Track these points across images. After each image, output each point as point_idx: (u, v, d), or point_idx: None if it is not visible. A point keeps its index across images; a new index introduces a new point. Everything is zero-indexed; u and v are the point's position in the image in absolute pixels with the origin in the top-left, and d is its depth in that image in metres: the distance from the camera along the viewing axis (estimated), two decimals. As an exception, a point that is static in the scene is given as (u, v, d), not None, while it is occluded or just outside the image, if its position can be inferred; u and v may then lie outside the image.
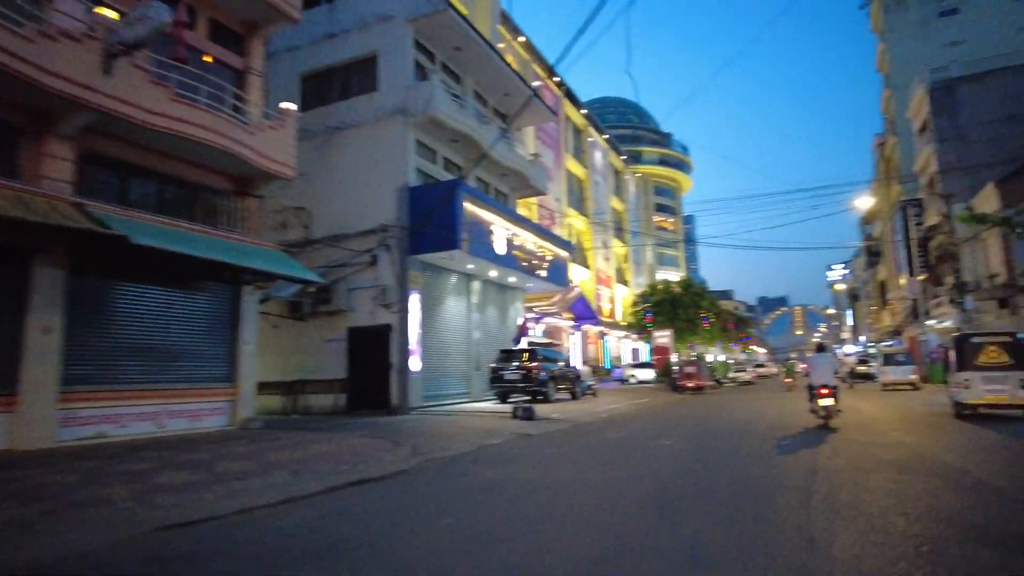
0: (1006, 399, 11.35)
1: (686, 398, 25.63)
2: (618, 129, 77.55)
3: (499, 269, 20.38)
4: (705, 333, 34.77)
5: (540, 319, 38.69)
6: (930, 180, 33.98)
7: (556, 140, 50.97)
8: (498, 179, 23.35)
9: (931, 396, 19.73)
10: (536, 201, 45.55)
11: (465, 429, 13.03)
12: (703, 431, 11.67)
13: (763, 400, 22.23)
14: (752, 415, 15.18)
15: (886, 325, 46.71)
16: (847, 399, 19.84)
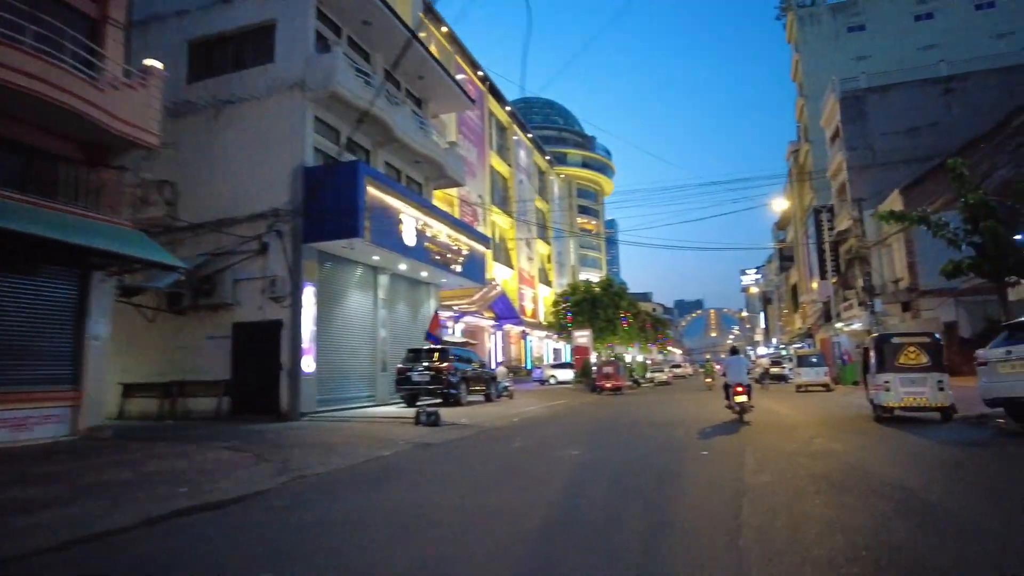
0: (924, 401, 10.85)
1: (604, 399, 24.85)
2: (543, 130, 77.15)
3: (409, 262, 18.82)
4: (624, 333, 34.33)
5: (460, 318, 37.28)
6: (841, 186, 34.81)
7: (480, 136, 49.76)
8: (411, 166, 21.78)
9: (845, 398, 19.60)
10: (458, 196, 44.18)
11: (357, 438, 11.49)
12: (616, 438, 10.61)
13: (680, 401, 21.66)
14: (668, 418, 14.32)
15: (797, 327, 47.99)
16: (764, 401, 19.47)
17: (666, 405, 19.99)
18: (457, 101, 25.15)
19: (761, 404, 18.09)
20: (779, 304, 65.34)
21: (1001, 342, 9.21)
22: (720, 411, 14.92)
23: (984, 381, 9.28)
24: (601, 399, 24.83)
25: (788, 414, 14.24)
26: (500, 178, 55.38)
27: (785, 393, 24.29)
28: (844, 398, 19.47)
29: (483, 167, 49.42)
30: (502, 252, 55.04)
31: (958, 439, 9.00)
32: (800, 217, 45.16)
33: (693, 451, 8.40)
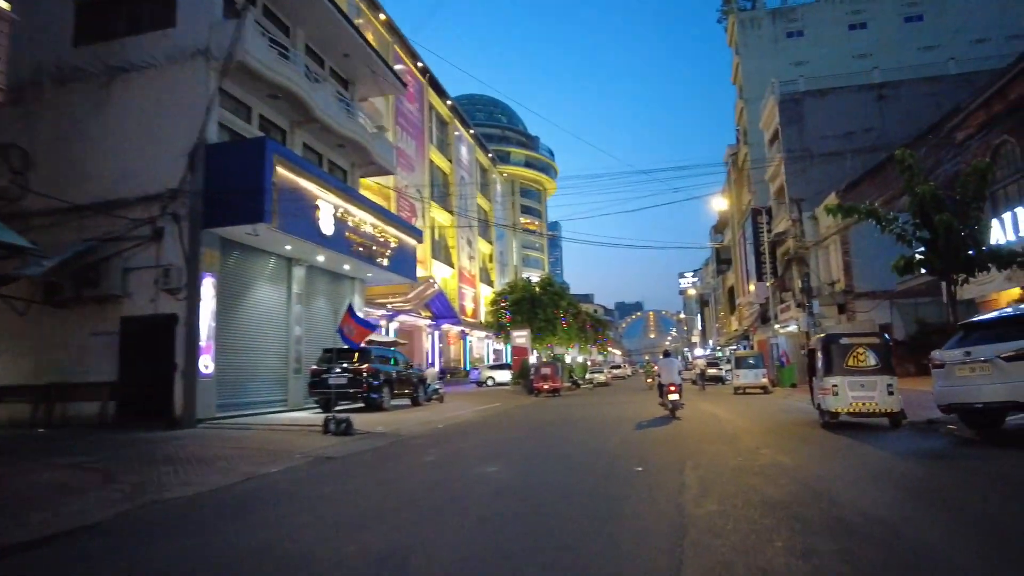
0: (874, 406, 10.04)
1: (540, 402, 23.73)
2: (486, 128, 75.92)
3: (327, 253, 17.15)
4: (563, 334, 33.38)
5: (394, 316, 35.57)
6: (779, 188, 34.80)
7: (419, 129, 48.09)
8: (334, 151, 20.09)
9: (785, 400, 19.03)
10: (395, 189, 42.41)
11: (250, 450, 9.90)
12: (545, 449, 9.38)
13: (618, 403, 20.72)
14: (603, 422, 13.23)
15: (734, 329, 48.23)
16: (703, 404, 18.71)
17: (602, 407, 18.98)
18: (387, 84, 23.56)
19: (700, 408, 17.29)
20: (716, 306, 65.96)
21: (957, 343, 8.41)
22: (656, 413, 13.96)
23: (940, 385, 8.45)
24: (537, 402, 23.70)
25: (729, 419, 13.33)
26: (440, 173, 53.79)
27: (723, 395, 23.73)
28: (784, 401, 18.90)
29: (422, 161, 47.77)
30: (442, 250, 53.46)
31: (917, 450, 8.14)
32: (738, 219, 45.32)
33: (627, 465, 7.23)
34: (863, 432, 10.01)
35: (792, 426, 11.31)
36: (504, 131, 79.17)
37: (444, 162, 53.46)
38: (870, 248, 28.39)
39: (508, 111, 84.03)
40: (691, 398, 22.22)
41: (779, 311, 30.36)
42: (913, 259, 10.81)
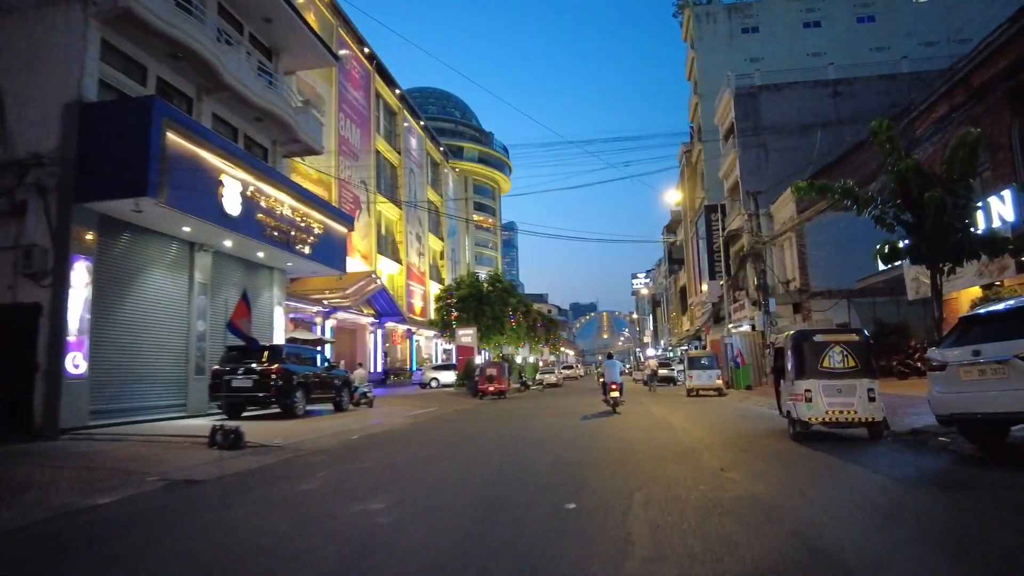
0: (853, 415, 8.58)
1: (483, 405, 21.95)
2: (439, 121, 73.90)
3: (234, 237, 14.96)
4: (512, 333, 31.68)
5: (330, 313, 33.27)
6: (734, 185, 33.88)
7: (364, 117, 45.77)
8: (251, 125, 17.88)
9: (742, 404, 17.69)
10: (337, 179, 40.09)
11: (99, 470, 7.82)
12: (459, 472, 7.56)
13: (563, 407, 19.09)
14: (542, 432, 11.52)
15: (686, 330, 47.41)
16: (655, 409, 17.19)
17: (546, 412, 17.31)
18: (316, 56, 21.37)
19: (651, 413, 15.78)
20: (668, 307, 65.38)
21: (957, 340, 6.96)
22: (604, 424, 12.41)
23: (939, 390, 6.97)
24: (480, 405, 21.91)
25: (684, 428, 11.77)
26: (388, 165, 51.52)
27: (675, 397, 22.41)
28: (741, 405, 17.57)
29: (368, 151, 45.45)
30: (389, 245, 51.18)
31: (918, 473, 6.59)
32: (690, 218, 44.48)
33: (556, 500, 5.47)
34: (842, 446, 8.53)
35: (757, 437, 9.78)
36: (457, 125, 77.16)
37: (392, 153, 51.24)
38: (826, 246, 27.59)
39: (462, 105, 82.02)
40: (641, 401, 20.80)
41: (733, 310, 29.31)
42: (897, 245, 9.39)
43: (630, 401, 19.80)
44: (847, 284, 26.70)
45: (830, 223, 27.79)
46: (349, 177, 42.44)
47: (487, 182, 79.47)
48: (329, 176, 39.32)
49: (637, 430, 11.46)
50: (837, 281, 27.04)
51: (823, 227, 27.73)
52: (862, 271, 26.34)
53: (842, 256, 27.19)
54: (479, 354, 44.56)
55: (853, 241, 28.43)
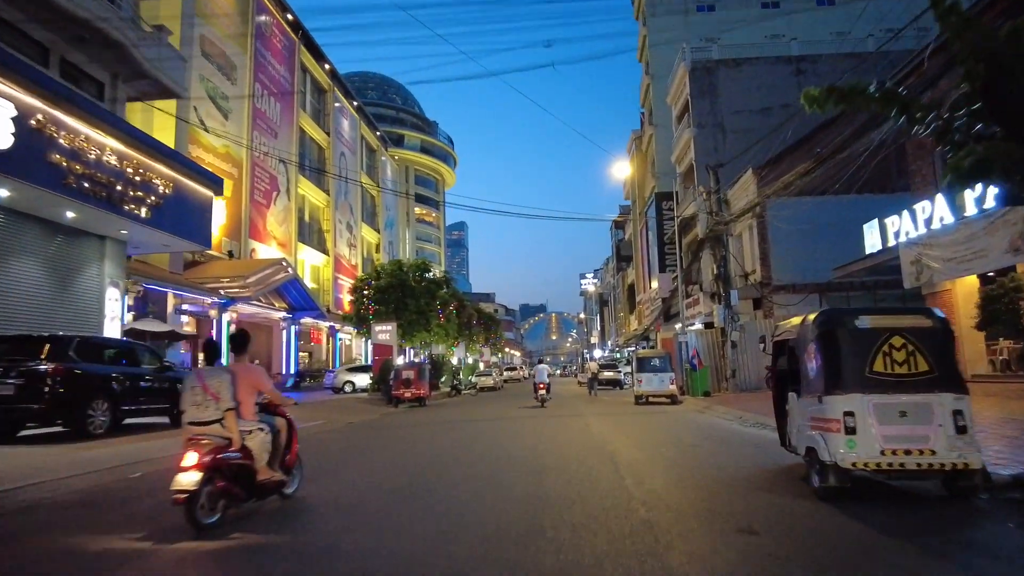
0: (929, 456, 4.82)
1: (393, 416, 17.74)
2: (378, 107, 68.95)
3: (12, 185, 10.35)
4: (439, 330, 27.48)
5: (228, 305, 28.37)
6: (688, 170, 30.58)
7: (286, 91, 40.81)
8: (72, 46, 13.17)
9: (703, 417, 13.94)
10: (252, 155, 35.27)
11: None
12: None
13: (489, 419, 15.04)
14: (431, 473, 7.43)
15: (634, 329, 44.16)
16: (595, 424, 12.80)
17: (462, 429, 13.25)
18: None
19: (589, 429, 11.83)
20: (615, 305, 62.26)
21: None
22: (515, 457, 8.43)
23: None
24: (387, 416, 17.68)
25: (633, 463, 7.79)
26: (314, 146, 46.60)
27: (620, 405, 18.67)
28: (703, 418, 13.82)
29: (289, 127, 40.53)
30: (314, 233, 46.26)
31: None
32: (640, 209, 41.23)
33: None
34: (920, 514, 4.73)
35: (755, 490, 5.85)
36: (399, 112, 72.34)
37: (319, 133, 46.36)
38: (792, 235, 24.35)
39: (403, 92, 77.18)
40: (581, 411, 16.98)
41: (686, 306, 25.87)
42: (984, 156, 5.53)
43: (566, 413, 16.08)
44: (815, 277, 23.53)
45: (795, 209, 24.67)
46: (265, 155, 37.54)
47: (430, 173, 74.88)
48: (239, 150, 34.38)
49: (560, 468, 7.46)
50: (803, 274, 23.88)
51: (788, 213, 24.57)
52: (832, 262, 23.18)
53: (809, 246, 24.04)
54: (402, 354, 40.14)
55: (821, 230, 25.32)
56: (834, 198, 25.37)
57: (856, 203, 24.97)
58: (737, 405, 14.58)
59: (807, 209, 24.75)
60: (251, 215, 35.81)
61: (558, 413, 16.16)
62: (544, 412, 16.59)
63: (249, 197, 35.39)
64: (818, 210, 24.87)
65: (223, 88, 33.34)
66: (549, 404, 18.77)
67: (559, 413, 16.16)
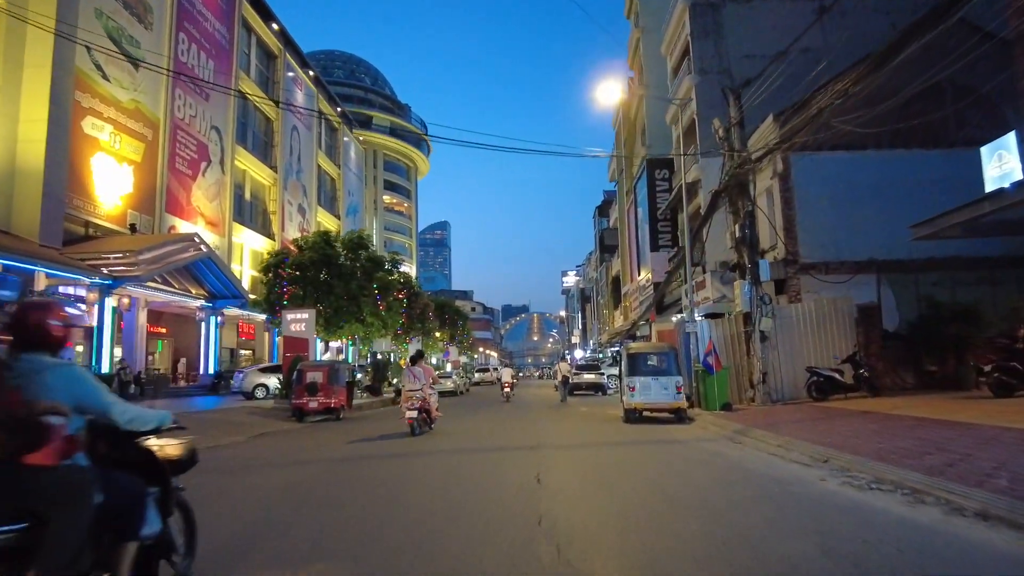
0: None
1: (279, 437, 11.73)
2: (345, 87, 62.68)
3: None
4: (376, 322, 21.17)
5: (113, 287, 22.11)
6: (688, 129, 24.83)
7: (224, 50, 34.59)
8: None
9: (745, 456, 7.71)
10: (176, 115, 29.12)
11: None
12: None
13: (395, 459, 9.05)
14: None
15: (619, 325, 38.42)
16: (554, 466, 6.95)
17: (346, 471, 7.29)
18: None
19: (542, 499, 5.69)
20: (598, 299, 56.44)
21: None
22: None
23: None
24: (270, 438, 11.66)
25: None
26: (260, 117, 40.36)
27: (603, 422, 12.73)
28: (747, 458, 7.65)
29: (227, 91, 34.35)
30: (257, 214, 40.01)
31: None
32: (627, 188, 35.47)
33: None
34: None
35: None
36: (367, 93, 65.99)
37: (266, 103, 40.12)
38: (823, 201, 18.71)
39: (373, 72, 70.83)
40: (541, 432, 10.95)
41: (687, 291, 20.08)
42: None
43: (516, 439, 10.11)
44: (851, 253, 17.90)
45: (828, 167, 18.95)
46: (191, 119, 31.32)
47: (401, 159, 68.61)
48: (156, 109, 28.09)
49: None
50: (837, 248, 18.21)
51: (819, 172, 18.85)
52: (878, 236, 17.54)
53: (845, 214, 18.34)
54: (337, 353, 33.91)
55: (861, 194, 19.71)
56: (876, 154, 19.77)
57: (905, 160, 19.37)
58: (788, 429, 8.78)
59: (843, 167, 18.99)
60: (170, 186, 29.58)
61: (503, 441, 10.30)
62: (481, 439, 10.74)
63: (167, 164, 29.15)
64: (856, 168, 19.12)
65: (131, 31, 27.12)
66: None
67: (505, 441, 10.28)
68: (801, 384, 14.11)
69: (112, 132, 25.51)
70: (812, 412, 11.37)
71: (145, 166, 27.54)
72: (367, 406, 20.19)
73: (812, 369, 13.58)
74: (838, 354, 14.11)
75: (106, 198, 25.16)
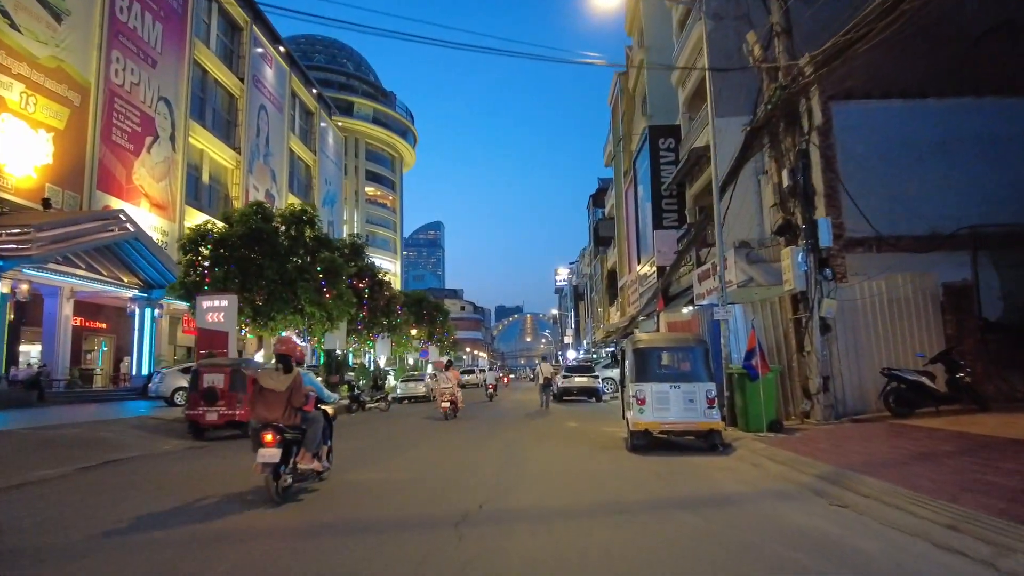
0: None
1: (151, 466, 7.66)
2: (326, 72, 58.49)
3: None
4: (318, 312, 16.83)
5: (3, 268, 17.91)
6: (697, 88, 20.82)
7: (177, 14, 30.42)
8: None
9: (888, 544, 3.48)
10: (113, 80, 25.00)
11: None
12: None
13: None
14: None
15: (615, 322, 34.45)
16: None
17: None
18: None
19: None
20: (591, 295, 52.39)
21: None
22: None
23: None
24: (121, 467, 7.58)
25: None
26: (221, 92, 36.06)
27: (599, 450, 8.42)
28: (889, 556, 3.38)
29: (177, 59, 30.12)
30: (218, 200, 35.82)
31: None
32: (625, 169, 31.48)
33: None
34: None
35: None
36: (349, 79, 61.74)
37: (227, 76, 35.88)
38: (884, 155, 14.69)
39: (357, 58, 66.59)
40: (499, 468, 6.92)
41: (700, 277, 16.03)
42: None
43: (459, 491, 5.99)
44: (910, 226, 13.77)
45: (879, 118, 14.95)
46: (133, 87, 27.15)
47: (385, 149, 64.37)
48: (86, 71, 23.95)
49: None
50: (892, 221, 14.06)
51: (868, 124, 14.82)
52: (953, 203, 13.57)
53: (904, 177, 14.30)
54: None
55: (922, 152, 15.69)
56: (938, 103, 15.82)
57: (979, 109, 15.43)
58: (919, 474, 4.64)
59: (897, 119, 14.98)
60: (104, 160, 25.39)
61: (422, 501, 6.17)
62: (387, 500, 6.68)
63: (100, 135, 24.99)
64: (914, 121, 15.11)
65: (51, -23, 23.04)
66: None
67: (426, 501, 6.17)
68: (869, 391, 10.10)
69: (24, 92, 21.39)
70: (917, 437, 7.33)
71: (70, 135, 23.41)
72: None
73: (890, 372, 9.56)
74: (922, 351, 10.09)
75: (14, 167, 21.03)
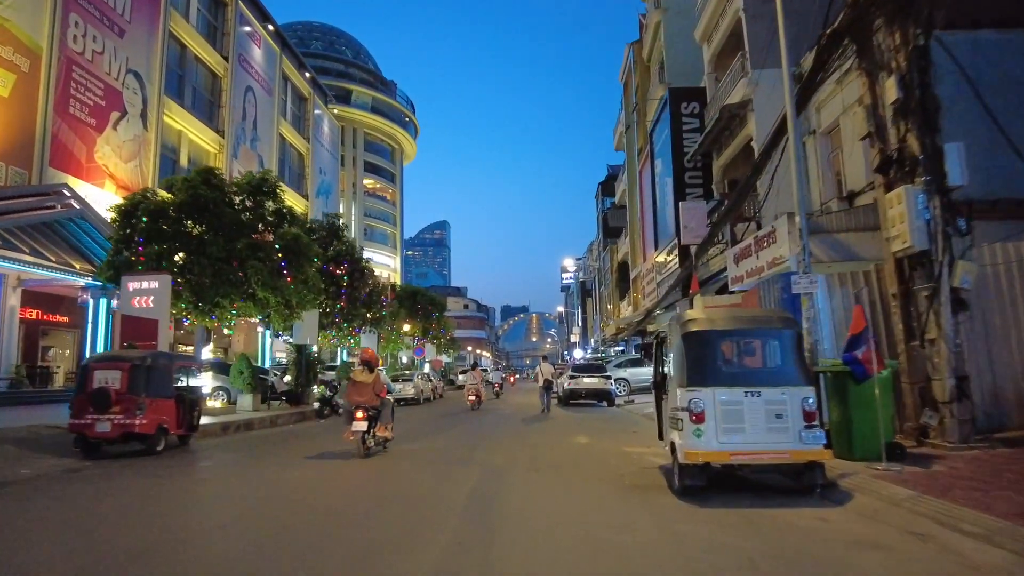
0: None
1: None
2: (323, 59, 55.56)
3: None
4: (272, 298, 13.45)
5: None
6: (726, 41, 17.70)
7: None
8: None
9: None
10: (70, 47, 22.23)
11: None
12: None
13: None
14: None
15: (625, 317, 31.32)
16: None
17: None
18: None
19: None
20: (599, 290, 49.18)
21: None
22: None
23: None
24: None
25: None
26: (202, 69, 32.97)
27: (623, 489, 5.25)
28: None
29: (150, 30, 27.11)
30: (196, 185, 32.91)
31: None
32: (639, 147, 28.37)
33: None
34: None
35: None
36: (348, 67, 58.74)
37: (210, 54, 32.83)
38: (1000, 97, 11.09)
39: (356, 45, 63.63)
40: (471, 534, 3.85)
41: (740, 254, 12.90)
42: None
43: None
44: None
45: (989, 55, 11.59)
46: (96, 56, 24.23)
47: (384, 140, 61.37)
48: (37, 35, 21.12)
49: None
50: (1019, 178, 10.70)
51: (986, 57, 11.40)
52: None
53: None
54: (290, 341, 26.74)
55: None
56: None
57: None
58: None
59: (1011, 53, 11.68)
60: (58, 134, 22.41)
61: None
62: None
63: (54, 107, 22.06)
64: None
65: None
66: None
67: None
68: (1008, 396, 7.02)
69: (-43, 52, 18.57)
70: None
71: (16, 103, 20.48)
72: (283, 419, 13.15)
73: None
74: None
75: (-57, 137, 18.15)
